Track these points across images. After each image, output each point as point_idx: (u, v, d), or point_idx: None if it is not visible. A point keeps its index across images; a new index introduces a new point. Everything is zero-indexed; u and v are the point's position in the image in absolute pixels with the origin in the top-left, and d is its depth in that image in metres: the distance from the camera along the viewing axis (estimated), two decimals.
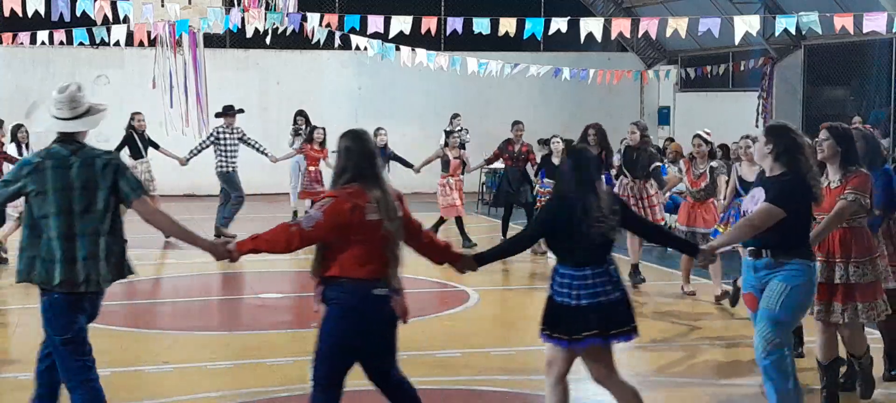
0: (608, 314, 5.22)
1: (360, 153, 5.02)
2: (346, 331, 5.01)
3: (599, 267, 5.25)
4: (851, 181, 6.15)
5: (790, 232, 5.58)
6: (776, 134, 5.67)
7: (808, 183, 5.59)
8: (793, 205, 5.57)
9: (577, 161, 5.36)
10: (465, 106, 21.90)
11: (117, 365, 7.59)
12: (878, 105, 18.36)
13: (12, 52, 20.76)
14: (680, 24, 15.69)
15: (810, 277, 5.62)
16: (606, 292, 5.23)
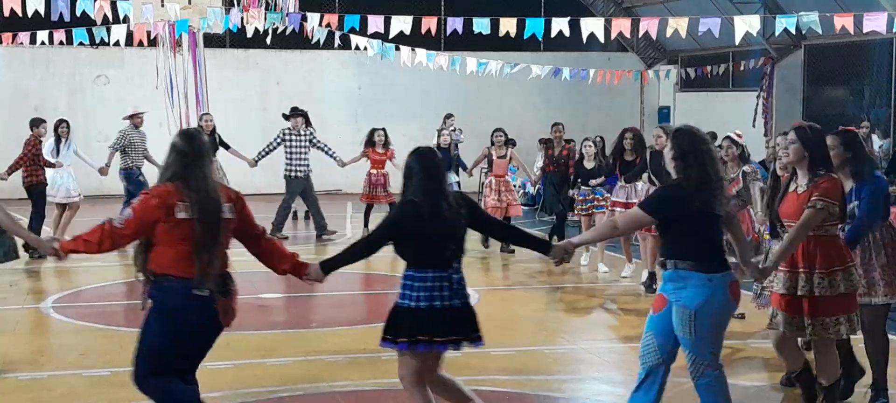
0: (444, 320, 5.14)
1: (185, 152, 5.02)
2: (164, 330, 5.03)
3: (442, 272, 5.16)
4: (819, 186, 5.74)
5: (680, 243, 5.25)
6: (677, 137, 5.36)
7: (691, 193, 5.19)
8: (668, 214, 5.28)
9: (423, 162, 5.23)
10: (464, 106, 21.92)
11: (117, 365, 7.58)
12: (878, 105, 18.36)
13: (12, 52, 20.76)
14: (680, 24, 15.69)
15: (712, 291, 5.18)
16: (444, 297, 5.14)
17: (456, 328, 5.19)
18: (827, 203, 5.66)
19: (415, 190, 5.18)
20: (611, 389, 7.11)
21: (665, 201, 5.37)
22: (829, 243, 5.78)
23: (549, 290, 10.87)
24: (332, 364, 7.64)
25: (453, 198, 5.24)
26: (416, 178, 5.18)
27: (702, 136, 5.34)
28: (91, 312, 9.71)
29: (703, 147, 5.27)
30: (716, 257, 5.25)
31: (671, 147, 5.34)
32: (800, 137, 5.82)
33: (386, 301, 10.56)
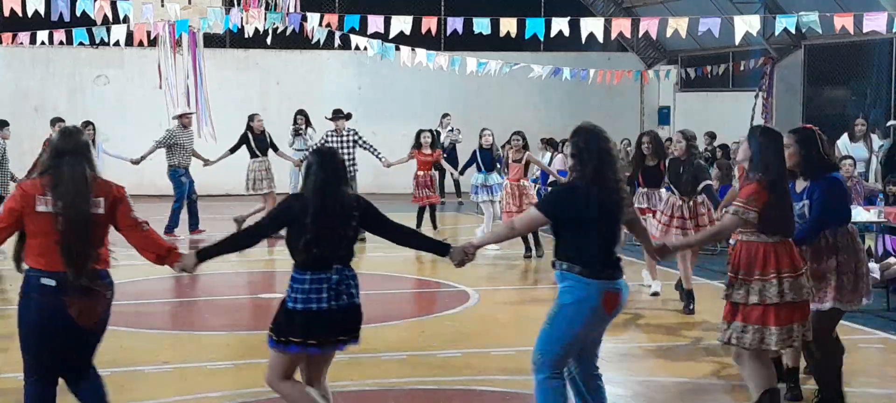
0: (322, 323, 5.10)
1: (58, 149, 5.10)
2: (26, 319, 5.08)
3: (321, 274, 5.10)
4: (741, 191, 5.67)
5: (568, 244, 5.12)
6: (575, 135, 5.22)
7: (584, 194, 5.06)
8: (561, 214, 5.14)
9: (321, 160, 5.20)
10: (464, 106, 21.93)
11: (117, 365, 7.58)
12: (878, 105, 18.37)
13: (12, 52, 20.76)
14: (680, 24, 15.69)
15: (585, 296, 5.04)
16: (321, 300, 5.09)
17: (334, 329, 5.14)
18: (740, 208, 5.53)
19: (308, 187, 5.15)
20: (611, 389, 7.09)
21: (558, 200, 5.28)
22: (754, 249, 5.58)
23: (549, 290, 10.86)
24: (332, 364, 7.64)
25: (347, 200, 5.18)
26: (313, 176, 5.15)
27: (601, 135, 5.16)
28: None
29: (601, 146, 5.11)
30: (601, 261, 5.08)
31: (570, 145, 5.25)
32: (748, 137, 5.78)
33: (386, 301, 10.58)
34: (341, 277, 5.13)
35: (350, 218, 5.17)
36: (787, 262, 5.56)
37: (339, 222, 5.12)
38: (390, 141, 23.18)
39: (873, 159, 14.00)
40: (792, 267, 5.57)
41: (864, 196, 12.09)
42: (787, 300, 5.55)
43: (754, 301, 5.56)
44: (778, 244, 5.58)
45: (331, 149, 5.57)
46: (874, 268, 9.91)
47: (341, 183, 5.18)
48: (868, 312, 9.67)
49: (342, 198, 5.15)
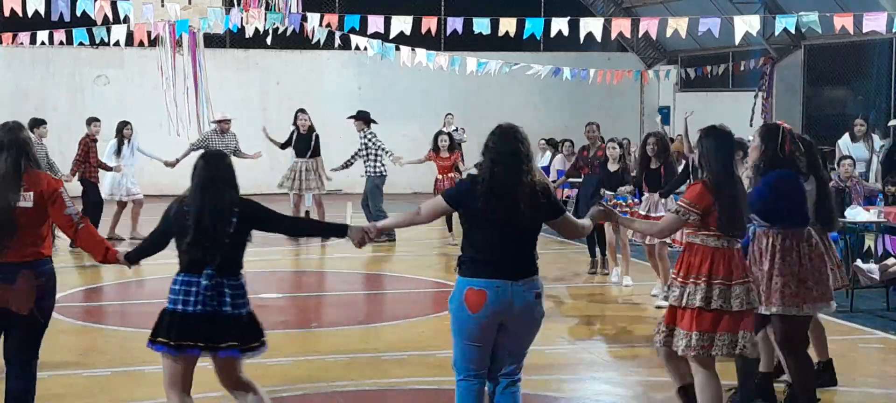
0: (186, 325, 5.07)
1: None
2: None
3: (191, 276, 5.07)
4: (686, 192, 5.58)
5: (464, 239, 5.09)
6: (491, 132, 5.13)
7: (477, 190, 4.93)
8: (457, 204, 5.08)
9: (207, 164, 5.18)
10: (464, 106, 21.93)
11: (117, 365, 7.59)
12: (878, 105, 18.37)
13: (12, 52, 20.76)
14: (680, 24, 15.68)
15: (458, 293, 4.98)
16: (188, 302, 5.06)
17: (202, 335, 5.07)
18: (682, 209, 5.46)
19: (190, 190, 5.16)
20: (611, 389, 7.11)
21: (458, 191, 5.21)
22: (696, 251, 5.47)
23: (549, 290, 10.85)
24: (332, 364, 7.65)
25: (224, 203, 5.10)
26: (195, 180, 5.15)
27: (512, 136, 5.02)
28: (91, 312, 9.71)
29: (508, 147, 4.98)
30: (479, 260, 4.96)
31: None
32: (701, 135, 5.69)
33: (386, 301, 10.60)
34: (212, 283, 5.04)
35: (227, 223, 5.08)
36: (722, 269, 5.39)
37: (214, 225, 5.05)
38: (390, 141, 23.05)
39: (874, 159, 14.00)
40: (726, 275, 5.39)
41: (864, 196, 12.09)
42: (714, 307, 5.37)
43: (684, 304, 5.43)
44: (717, 249, 5.42)
45: (217, 151, 5.56)
46: (874, 268, 9.91)
47: (221, 185, 5.13)
48: (868, 312, 9.69)
49: (219, 201, 5.09)
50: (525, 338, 5.11)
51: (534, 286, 5.00)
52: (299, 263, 13.64)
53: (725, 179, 5.43)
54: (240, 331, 5.12)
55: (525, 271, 4.98)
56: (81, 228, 5.42)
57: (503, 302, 4.91)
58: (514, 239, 4.98)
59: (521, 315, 4.97)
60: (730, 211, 5.38)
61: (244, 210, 5.16)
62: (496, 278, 4.92)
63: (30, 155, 5.34)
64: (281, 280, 11.96)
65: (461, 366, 5.09)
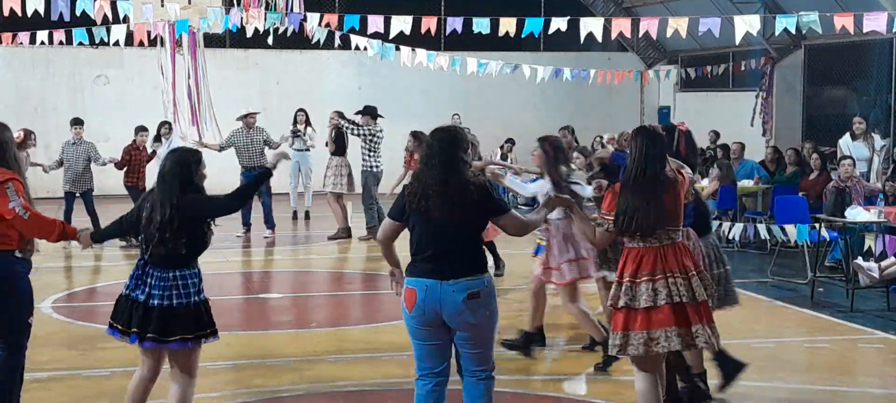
0: (121, 308, 5.37)
1: None
2: None
3: (138, 261, 5.36)
4: (602, 202, 5.66)
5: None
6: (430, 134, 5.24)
7: (411, 192, 5.05)
8: (400, 216, 5.16)
9: (174, 158, 5.40)
10: (464, 106, 21.91)
11: (117, 365, 7.58)
12: (878, 105, 18.36)
13: (12, 52, 20.74)
14: (680, 24, 15.67)
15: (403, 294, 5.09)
16: (128, 286, 5.35)
17: (121, 317, 5.35)
18: (601, 218, 5.51)
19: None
20: (611, 389, 7.11)
21: (396, 202, 5.22)
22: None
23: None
24: (332, 364, 7.65)
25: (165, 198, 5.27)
26: (160, 170, 5.41)
27: (445, 138, 5.09)
28: (91, 312, 9.71)
29: (437, 149, 5.05)
30: (415, 261, 5.03)
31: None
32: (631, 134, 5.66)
33: (386, 301, 10.59)
34: (141, 271, 5.31)
35: (162, 217, 5.24)
36: (631, 266, 5.43)
37: (157, 216, 5.24)
38: (391, 141, 23.11)
39: (875, 159, 14.01)
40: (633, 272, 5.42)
41: (864, 196, 12.09)
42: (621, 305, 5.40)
43: (620, 305, 5.43)
44: (632, 248, 5.45)
45: (179, 148, 5.79)
46: (873, 268, 9.92)
47: (170, 180, 5.30)
48: (868, 312, 9.69)
49: (166, 193, 5.27)
50: (471, 339, 5.05)
51: (466, 286, 4.94)
52: (299, 263, 13.64)
53: (632, 181, 5.43)
54: (147, 321, 5.27)
55: (458, 271, 4.95)
56: (27, 217, 5.55)
57: (433, 302, 4.94)
58: (448, 240, 4.98)
59: (455, 315, 4.95)
60: (633, 212, 5.36)
61: (180, 205, 5.26)
62: (427, 278, 4.97)
63: (6, 154, 5.62)
64: (281, 280, 11.96)
65: (417, 364, 5.16)
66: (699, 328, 5.36)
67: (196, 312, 5.34)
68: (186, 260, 5.32)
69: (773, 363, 7.75)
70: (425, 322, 5.00)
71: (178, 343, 5.30)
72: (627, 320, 5.38)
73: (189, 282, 5.32)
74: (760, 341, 8.46)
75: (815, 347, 8.52)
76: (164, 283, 5.26)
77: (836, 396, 6.91)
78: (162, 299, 5.24)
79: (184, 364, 5.41)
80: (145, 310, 5.25)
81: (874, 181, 13.33)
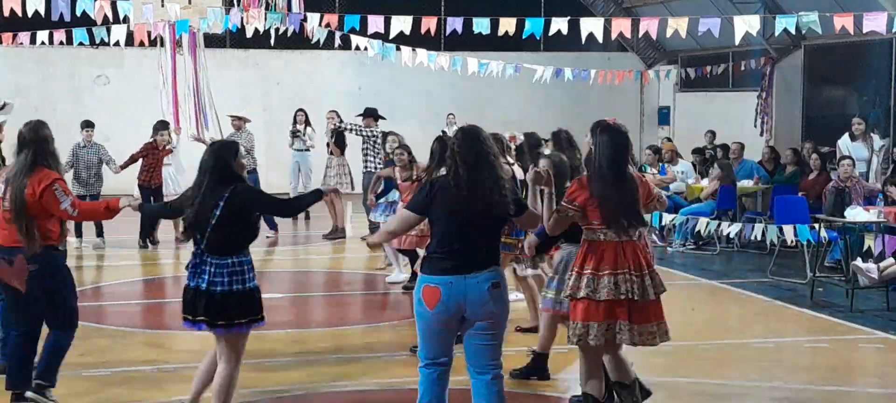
0: (186, 298, 5.63)
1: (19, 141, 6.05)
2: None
3: (193, 255, 5.58)
4: (567, 190, 5.75)
5: (431, 238, 5.28)
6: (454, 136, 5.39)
7: (431, 189, 5.18)
8: (421, 209, 5.24)
9: (212, 152, 5.67)
10: (465, 106, 21.91)
11: (117, 365, 7.59)
12: (878, 105, 18.37)
13: (12, 52, 20.75)
14: (680, 24, 15.68)
15: (418, 290, 5.19)
16: (188, 277, 5.59)
17: (186, 307, 5.62)
18: (564, 206, 5.57)
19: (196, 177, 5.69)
20: None
21: (418, 196, 5.34)
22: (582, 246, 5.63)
23: None
24: (332, 364, 7.65)
25: (217, 189, 5.51)
26: (199, 168, 5.67)
27: (474, 138, 5.18)
28: (91, 312, 9.70)
29: (470, 148, 5.16)
30: (437, 257, 5.14)
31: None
32: (593, 130, 5.74)
33: (386, 301, 10.59)
34: (200, 260, 5.53)
35: (215, 206, 5.49)
36: (592, 260, 5.53)
37: (203, 207, 5.52)
38: None
39: (874, 159, 14.01)
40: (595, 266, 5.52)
41: (864, 196, 12.09)
42: (581, 296, 5.53)
43: (581, 295, 5.54)
44: (593, 242, 5.56)
45: (222, 141, 6.13)
46: (873, 268, 9.92)
47: (215, 173, 5.55)
48: (868, 312, 9.69)
49: (213, 186, 5.52)
50: (490, 329, 5.18)
51: (489, 277, 5.09)
52: (299, 263, 13.64)
53: (605, 175, 5.53)
54: (210, 307, 5.50)
55: (482, 264, 5.10)
56: (77, 214, 6.22)
57: (457, 297, 5.06)
58: (474, 236, 5.10)
59: (480, 305, 5.08)
60: (596, 207, 5.49)
61: (232, 194, 5.51)
62: (449, 275, 5.07)
63: (46, 151, 6.08)
64: (281, 280, 11.96)
65: (422, 354, 5.26)
66: (654, 325, 5.58)
67: (251, 296, 5.60)
68: (240, 247, 5.58)
69: (772, 363, 7.75)
70: (446, 318, 5.11)
71: (238, 327, 5.57)
72: (588, 310, 5.51)
73: (245, 267, 5.56)
74: (760, 341, 8.47)
75: (815, 347, 8.52)
76: (223, 270, 5.49)
77: (836, 396, 6.91)
78: (223, 285, 5.49)
79: (235, 345, 5.65)
80: (209, 297, 5.49)
81: (873, 181, 13.33)
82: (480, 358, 5.20)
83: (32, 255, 6.00)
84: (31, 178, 5.98)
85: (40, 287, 6.08)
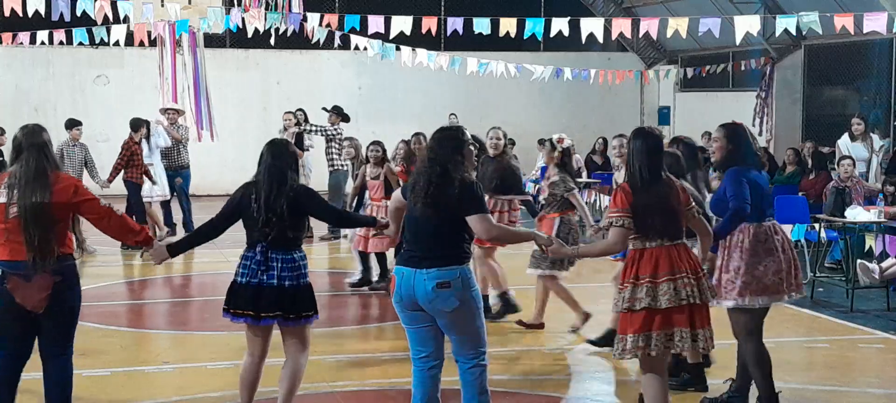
0: (242, 295, 5.64)
1: (15, 146, 5.45)
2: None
3: (249, 252, 5.64)
4: (611, 200, 5.60)
5: None
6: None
7: (412, 183, 5.34)
8: (406, 199, 5.49)
9: (269, 149, 5.73)
10: (465, 106, 21.92)
11: (117, 365, 7.60)
12: (878, 105, 18.37)
13: (12, 52, 20.76)
14: (680, 24, 15.68)
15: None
16: (242, 274, 5.62)
17: (249, 303, 5.62)
18: (617, 216, 5.39)
19: (256, 174, 5.71)
20: (611, 389, 7.11)
21: (404, 186, 5.57)
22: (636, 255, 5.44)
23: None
24: (332, 364, 7.65)
25: (279, 187, 5.60)
26: (260, 165, 5.71)
27: (443, 137, 5.31)
28: (91, 312, 9.70)
29: (433, 146, 5.32)
30: (403, 250, 5.37)
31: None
32: (629, 136, 5.64)
33: (386, 301, 10.57)
34: (264, 257, 5.57)
35: (279, 204, 5.57)
36: (648, 267, 5.35)
37: (268, 206, 5.57)
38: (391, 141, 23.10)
39: (874, 159, 14.00)
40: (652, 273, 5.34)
41: (864, 196, 12.09)
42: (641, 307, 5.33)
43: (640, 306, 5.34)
44: (644, 250, 5.39)
45: (280, 139, 6.10)
46: (874, 268, 9.92)
47: (277, 171, 5.63)
48: (868, 312, 9.69)
49: (274, 184, 5.60)
50: (448, 326, 5.25)
51: (437, 275, 5.13)
52: None
53: (642, 182, 5.42)
54: (283, 302, 5.61)
55: (432, 260, 5.16)
56: (116, 213, 5.59)
57: (408, 288, 5.21)
58: (427, 230, 5.21)
59: (427, 302, 5.18)
60: (643, 213, 5.36)
61: (295, 194, 5.64)
62: (404, 266, 5.26)
63: (49, 156, 5.47)
64: None
65: (410, 349, 5.41)
66: (700, 332, 5.38)
67: (310, 290, 5.77)
68: (299, 244, 5.73)
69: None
70: (404, 307, 5.28)
71: (307, 319, 5.76)
72: (648, 321, 5.33)
73: (306, 263, 5.74)
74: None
75: (815, 347, 8.52)
76: (291, 264, 5.63)
77: (835, 396, 6.91)
78: (292, 279, 5.62)
79: (305, 336, 5.84)
80: (281, 292, 5.59)
81: (873, 181, 13.33)
82: (454, 349, 5.32)
83: (57, 265, 5.33)
84: (54, 183, 5.33)
85: (61, 302, 5.39)
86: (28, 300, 5.29)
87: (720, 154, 6.18)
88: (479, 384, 5.28)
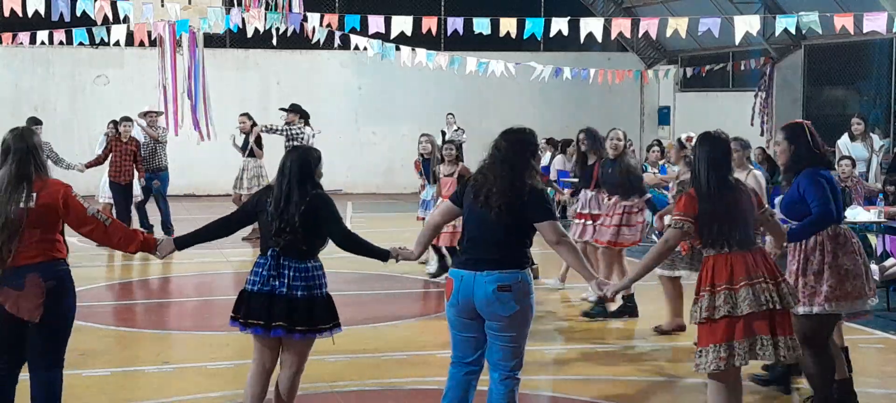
0: (253, 303, 5.41)
1: (3, 149, 5.23)
2: None
3: (261, 259, 5.46)
4: (678, 203, 5.46)
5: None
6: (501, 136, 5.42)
7: (469, 187, 5.30)
8: (460, 204, 5.45)
9: (296, 156, 5.55)
10: (464, 106, 21.93)
11: (117, 365, 7.60)
12: (878, 105, 18.37)
13: (12, 52, 20.76)
14: (680, 24, 15.69)
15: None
16: (254, 282, 5.41)
17: (259, 313, 5.39)
18: (679, 219, 5.30)
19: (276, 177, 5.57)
20: (610, 389, 7.11)
21: (458, 191, 5.49)
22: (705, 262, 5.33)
23: (548, 290, 10.85)
24: (332, 364, 7.64)
25: (297, 194, 5.40)
26: (282, 168, 5.53)
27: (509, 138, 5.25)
28: (91, 312, 9.70)
29: (500, 146, 5.25)
30: (461, 252, 5.37)
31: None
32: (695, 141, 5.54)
33: (386, 301, 10.59)
34: (275, 263, 5.38)
35: (295, 213, 5.38)
36: (724, 275, 5.20)
37: (284, 214, 5.38)
38: (391, 141, 23.19)
39: (873, 159, 14.00)
40: (728, 279, 5.18)
41: (864, 196, 12.09)
42: (720, 316, 5.15)
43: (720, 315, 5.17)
44: (717, 256, 5.24)
45: (307, 146, 5.87)
46: (874, 269, 9.91)
47: (296, 178, 5.41)
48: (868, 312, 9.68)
49: (296, 190, 5.40)
50: (501, 332, 5.15)
51: (498, 278, 5.08)
52: None
53: (713, 188, 5.29)
54: (292, 313, 5.38)
55: (492, 264, 5.11)
56: (110, 224, 5.35)
57: (466, 292, 5.13)
58: (490, 234, 5.15)
59: (486, 305, 5.10)
60: (710, 220, 5.24)
61: (311, 203, 5.41)
62: (463, 269, 5.18)
63: (36, 160, 5.21)
64: None
65: (452, 352, 5.35)
66: (780, 339, 5.18)
67: (329, 301, 5.57)
68: (316, 253, 5.52)
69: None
70: (460, 311, 5.19)
71: (319, 333, 5.52)
72: (730, 330, 5.14)
73: (322, 273, 5.54)
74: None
75: None
76: (304, 274, 5.42)
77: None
78: (303, 290, 5.41)
79: (304, 352, 5.60)
80: (289, 302, 5.37)
81: (873, 181, 13.33)
82: (491, 355, 5.23)
83: (49, 271, 5.14)
84: (41, 189, 5.12)
85: (54, 309, 5.16)
86: (22, 309, 5.10)
87: (785, 157, 5.99)
88: (509, 398, 5.19)
